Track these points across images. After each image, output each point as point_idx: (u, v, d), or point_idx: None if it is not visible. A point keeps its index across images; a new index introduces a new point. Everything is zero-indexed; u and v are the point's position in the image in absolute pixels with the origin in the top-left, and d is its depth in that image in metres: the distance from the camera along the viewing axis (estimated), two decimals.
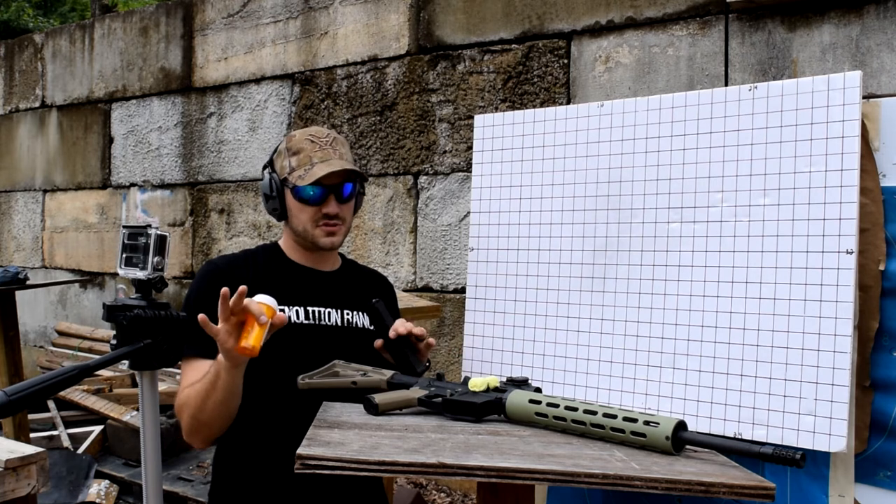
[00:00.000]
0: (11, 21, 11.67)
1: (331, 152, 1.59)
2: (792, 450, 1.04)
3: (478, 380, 1.34)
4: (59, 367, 1.20)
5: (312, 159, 1.57)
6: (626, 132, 1.72)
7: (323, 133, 1.63)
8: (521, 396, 1.29)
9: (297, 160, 1.59)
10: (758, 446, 1.08)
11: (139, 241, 1.35)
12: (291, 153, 1.60)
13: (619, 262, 1.71)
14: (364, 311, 1.68)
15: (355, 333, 1.65)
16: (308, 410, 1.46)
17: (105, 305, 1.35)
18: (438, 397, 1.34)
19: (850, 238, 1.42)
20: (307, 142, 1.60)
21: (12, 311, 3.44)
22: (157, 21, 4.98)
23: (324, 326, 1.61)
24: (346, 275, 1.73)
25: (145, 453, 1.37)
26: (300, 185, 1.56)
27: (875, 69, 2.68)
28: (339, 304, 1.65)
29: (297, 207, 1.60)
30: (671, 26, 3.10)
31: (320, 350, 1.55)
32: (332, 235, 1.61)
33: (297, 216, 1.61)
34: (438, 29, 3.73)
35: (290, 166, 1.60)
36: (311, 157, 1.58)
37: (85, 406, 3.97)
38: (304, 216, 1.60)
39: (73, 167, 5.46)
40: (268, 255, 1.67)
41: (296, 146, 1.61)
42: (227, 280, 1.48)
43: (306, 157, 1.58)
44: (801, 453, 1.03)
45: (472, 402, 1.30)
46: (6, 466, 2.00)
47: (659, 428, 1.13)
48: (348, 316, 1.65)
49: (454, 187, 3.66)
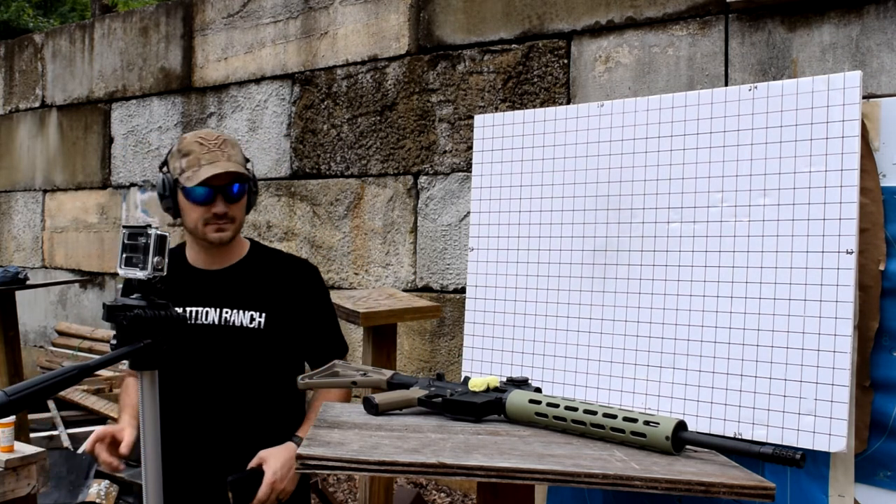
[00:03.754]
0: (11, 21, 11.66)
1: (218, 154, 1.65)
2: (792, 450, 1.04)
3: (478, 380, 1.34)
4: (59, 367, 1.20)
5: (200, 161, 1.63)
6: (626, 132, 1.72)
7: (213, 135, 1.69)
8: (521, 396, 1.29)
9: (187, 161, 1.65)
10: (758, 446, 1.08)
11: (139, 241, 1.35)
12: (182, 154, 1.67)
13: (619, 262, 1.71)
14: (248, 308, 1.71)
15: (232, 332, 1.69)
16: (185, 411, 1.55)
17: (105, 305, 1.35)
18: (438, 397, 1.34)
19: (850, 238, 1.42)
20: (196, 144, 1.66)
21: (12, 311, 3.44)
22: (157, 21, 4.98)
23: (199, 325, 1.69)
24: (240, 271, 1.75)
25: (145, 453, 1.37)
26: (188, 186, 1.63)
27: (875, 69, 2.68)
28: (220, 302, 1.70)
29: (188, 207, 1.67)
30: (671, 26, 3.09)
31: (195, 348, 1.65)
32: (222, 231, 1.68)
33: (189, 215, 1.68)
34: (438, 29, 3.73)
35: (180, 167, 1.66)
36: (199, 158, 1.64)
37: (85, 406, 3.97)
38: (194, 215, 1.67)
39: (73, 167, 5.46)
40: (174, 256, 1.74)
41: (186, 148, 1.67)
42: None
43: (195, 159, 1.64)
44: (801, 453, 1.03)
45: (472, 402, 1.30)
46: (6, 466, 2.00)
47: (659, 428, 1.13)
48: (227, 314, 1.70)
49: (454, 187, 3.66)
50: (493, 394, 1.32)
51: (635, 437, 1.15)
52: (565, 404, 1.24)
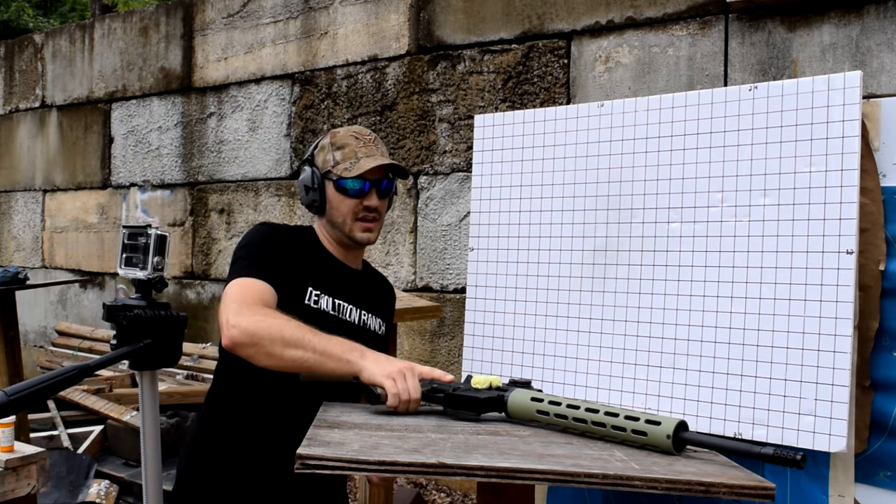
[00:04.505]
0: (11, 21, 11.67)
1: (374, 149, 1.65)
2: (792, 450, 1.04)
3: (481, 378, 1.35)
4: (59, 367, 1.20)
5: (357, 154, 1.63)
6: (626, 132, 1.72)
7: (366, 132, 1.69)
8: (523, 395, 1.29)
9: (342, 154, 1.64)
10: (758, 447, 1.08)
11: (139, 241, 1.35)
12: (336, 147, 1.66)
13: (619, 262, 1.71)
14: (375, 314, 1.73)
15: (367, 335, 1.68)
16: (308, 408, 1.47)
17: (105, 305, 1.35)
18: (441, 392, 1.34)
19: (850, 238, 1.42)
20: (352, 138, 1.66)
21: (12, 311, 3.44)
22: (157, 21, 4.98)
23: (344, 321, 1.65)
24: (367, 277, 1.77)
25: (145, 453, 1.37)
26: (346, 177, 1.61)
27: (875, 69, 2.68)
28: (360, 303, 1.70)
29: (339, 199, 1.64)
30: (671, 26, 3.09)
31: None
32: (369, 231, 1.66)
33: (338, 208, 1.64)
34: (438, 29, 3.73)
35: (334, 160, 1.64)
36: (356, 151, 1.63)
37: (85, 406, 3.97)
38: (344, 208, 1.64)
39: (73, 167, 5.46)
40: (308, 236, 1.71)
41: (340, 141, 1.66)
42: (284, 240, 1.61)
43: (351, 152, 1.63)
44: (802, 455, 1.03)
45: (475, 397, 1.31)
46: (6, 466, 2.00)
47: (660, 427, 1.13)
48: (364, 317, 1.69)
49: (454, 187, 3.66)
50: (496, 391, 1.32)
51: (636, 436, 1.15)
52: (567, 402, 1.24)
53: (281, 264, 1.56)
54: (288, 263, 1.58)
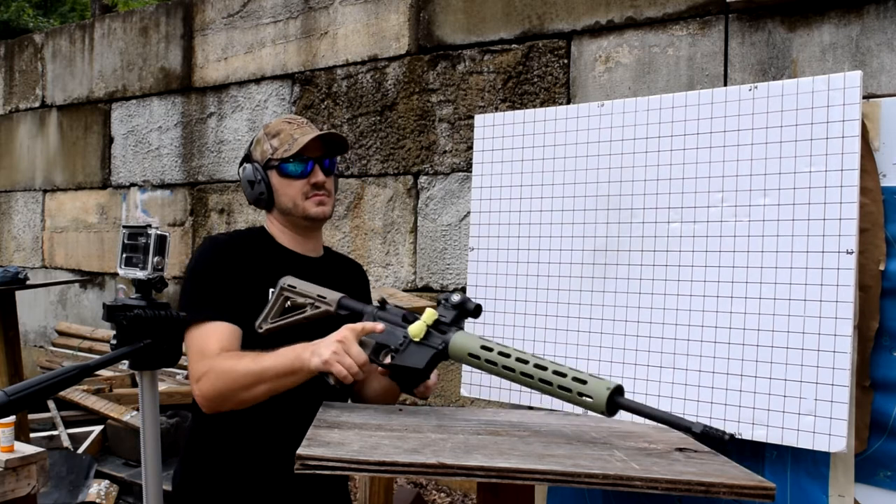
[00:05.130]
0: (11, 21, 11.67)
1: (308, 129, 1.66)
2: (721, 431, 1.07)
3: (416, 326, 1.34)
4: (59, 367, 1.20)
5: (293, 135, 1.63)
6: (626, 132, 1.72)
7: (298, 117, 1.71)
8: (460, 346, 1.29)
9: (279, 140, 1.64)
10: (690, 422, 1.11)
11: (139, 241, 1.35)
12: (271, 136, 1.66)
13: (619, 262, 1.71)
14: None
15: (341, 322, 1.66)
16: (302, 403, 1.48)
17: (105, 305, 1.35)
18: (386, 349, 1.35)
19: (850, 238, 1.41)
20: (285, 124, 1.67)
21: (12, 311, 3.44)
22: (157, 21, 4.98)
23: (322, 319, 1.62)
24: (328, 262, 1.75)
25: (145, 453, 1.37)
26: (286, 158, 1.61)
27: (875, 69, 2.68)
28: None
29: (285, 184, 1.64)
30: (671, 26, 3.09)
31: (309, 334, 1.56)
32: (323, 205, 1.65)
33: (286, 193, 1.64)
34: (438, 29, 3.73)
35: (272, 147, 1.65)
36: (291, 134, 1.64)
37: (85, 406, 3.97)
38: (292, 191, 1.63)
39: (73, 167, 5.46)
40: (258, 237, 1.71)
41: (274, 129, 1.67)
42: (230, 255, 1.59)
43: (287, 135, 1.64)
44: (731, 434, 1.08)
45: (415, 368, 1.32)
46: (6, 466, 2.00)
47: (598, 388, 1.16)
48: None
49: (454, 187, 3.66)
50: (437, 338, 1.32)
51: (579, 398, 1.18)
52: (516, 355, 1.24)
53: (232, 285, 1.55)
54: (240, 278, 1.57)
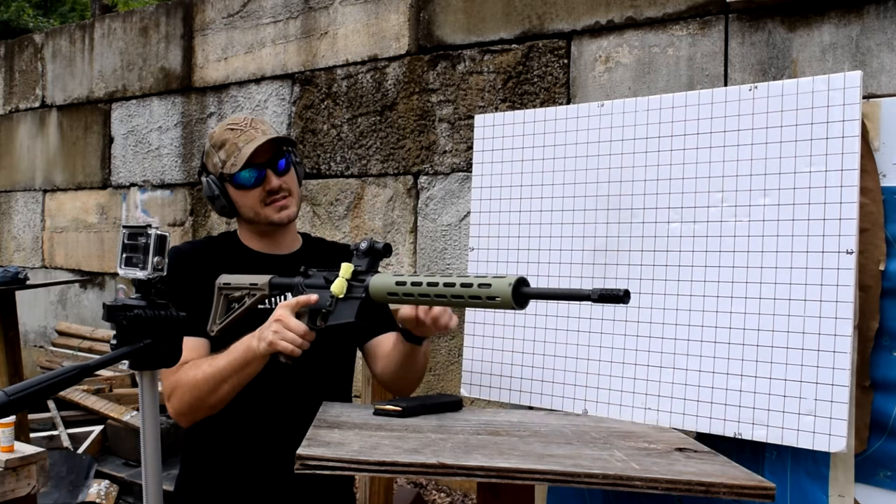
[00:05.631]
0: (11, 21, 11.67)
1: (252, 132, 1.61)
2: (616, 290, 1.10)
3: (337, 284, 1.38)
4: (59, 367, 1.20)
5: (238, 144, 1.60)
6: (626, 132, 1.72)
7: (239, 118, 1.66)
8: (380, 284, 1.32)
9: (225, 152, 1.61)
10: (586, 290, 1.13)
11: (139, 241, 1.35)
12: (217, 148, 1.63)
13: (619, 262, 1.71)
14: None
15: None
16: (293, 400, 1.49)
17: (105, 305, 1.35)
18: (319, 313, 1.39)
19: (850, 238, 1.41)
20: (227, 132, 1.63)
21: (12, 311, 3.44)
22: (157, 21, 4.98)
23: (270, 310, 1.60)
24: (304, 257, 1.73)
25: (145, 453, 1.37)
26: (235, 173, 1.59)
27: (875, 69, 2.68)
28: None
29: (241, 195, 1.62)
30: (671, 26, 3.09)
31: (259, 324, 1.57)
32: (285, 209, 1.64)
33: (244, 204, 1.63)
34: (438, 29, 3.73)
35: (220, 161, 1.62)
36: (235, 143, 1.60)
37: (85, 406, 3.97)
38: (249, 201, 1.62)
39: (73, 167, 5.46)
40: (226, 243, 1.70)
41: (219, 140, 1.63)
42: (192, 264, 1.59)
43: (232, 145, 1.60)
44: (626, 291, 1.10)
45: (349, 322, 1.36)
46: (6, 466, 2.00)
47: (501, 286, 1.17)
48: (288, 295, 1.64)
49: (454, 187, 3.66)
50: (359, 288, 1.36)
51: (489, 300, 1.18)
52: (427, 280, 1.26)
53: (195, 297, 1.55)
54: (205, 287, 1.56)
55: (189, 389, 1.47)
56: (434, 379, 3.69)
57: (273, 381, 1.53)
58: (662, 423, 1.59)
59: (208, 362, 1.48)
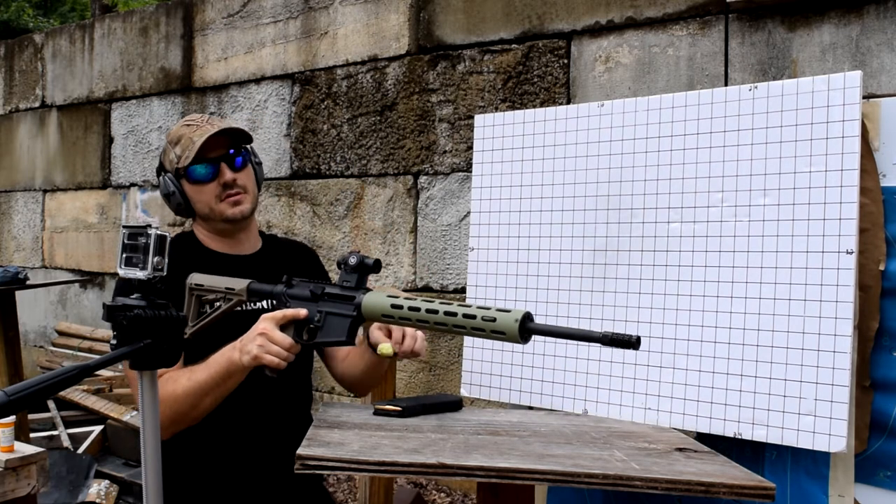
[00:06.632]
0: (11, 21, 11.67)
1: (208, 127, 1.60)
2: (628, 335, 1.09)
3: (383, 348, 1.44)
4: (59, 367, 1.20)
5: (193, 139, 1.59)
6: (626, 132, 1.72)
7: (198, 116, 1.66)
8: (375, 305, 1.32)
9: (181, 147, 1.60)
10: (597, 333, 1.12)
11: (139, 241, 1.35)
12: (174, 144, 1.62)
13: (619, 262, 1.71)
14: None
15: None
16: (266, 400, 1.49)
17: (105, 305, 1.35)
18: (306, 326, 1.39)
19: (850, 238, 1.42)
20: (184, 128, 1.63)
21: (12, 311, 3.44)
22: (157, 21, 4.98)
23: (245, 312, 1.60)
24: (265, 256, 1.72)
25: (145, 453, 1.37)
26: (190, 165, 1.58)
27: (875, 69, 2.68)
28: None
29: (196, 190, 1.61)
30: (671, 26, 3.09)
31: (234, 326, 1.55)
32: (239, 205, 1.62)
33: (199, 199, 1.62)
34: (438, 29, 3.73)
35: (176, 156, 1.61)
36: (191, 138, 1.59)
37: (85, 406, 3.97)
38: (204, 196, 1.61)
39: (73, 167, 5.46)
40: (185, 243, 1.68)
41: (175, 136, 1.63)
42: None
43: (187, 140, 1.59)
44: (637, 337, 1.08)
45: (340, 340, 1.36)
46: (6, 466, 2.00)
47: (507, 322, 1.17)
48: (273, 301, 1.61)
49: (454, 187, 3.66)
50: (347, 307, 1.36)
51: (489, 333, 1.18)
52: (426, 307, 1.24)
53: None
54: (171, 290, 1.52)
55: (170, 404, 1.45)
56: (434, 379, 3.69)
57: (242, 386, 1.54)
58: (662, 423, 1.59)
59: (186, 375, 1.46)
